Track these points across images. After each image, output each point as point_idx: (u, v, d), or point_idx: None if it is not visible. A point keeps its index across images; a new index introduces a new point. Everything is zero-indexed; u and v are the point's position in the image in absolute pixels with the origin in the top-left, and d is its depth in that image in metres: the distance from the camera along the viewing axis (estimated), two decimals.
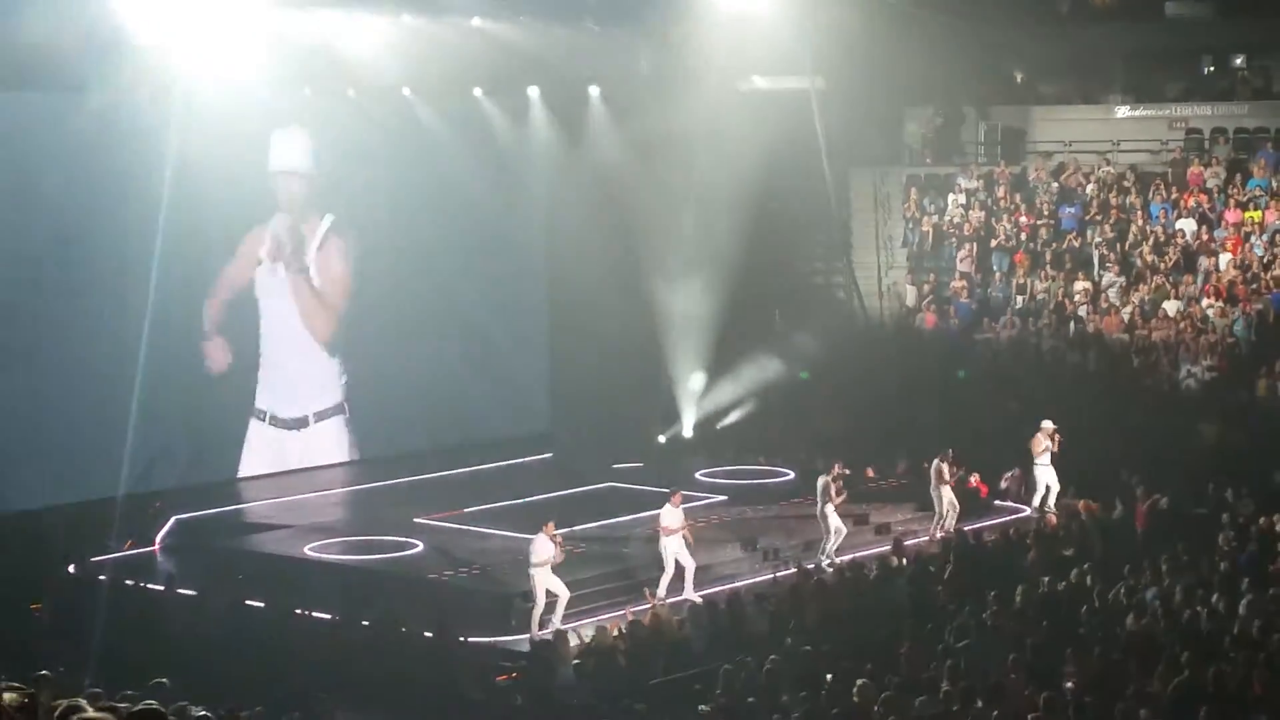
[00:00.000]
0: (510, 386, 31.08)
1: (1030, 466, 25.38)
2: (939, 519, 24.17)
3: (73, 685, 13.92)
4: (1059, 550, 21.75)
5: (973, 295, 31.90)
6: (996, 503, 25.85)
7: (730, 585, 21.07)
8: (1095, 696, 14.25)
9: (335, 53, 26.40)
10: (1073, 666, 15.44)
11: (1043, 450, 25.05)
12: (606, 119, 30.96)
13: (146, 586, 21.51)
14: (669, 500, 21.56)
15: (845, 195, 33.93)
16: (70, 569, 22.46)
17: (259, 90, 25.73)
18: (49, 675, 13.88)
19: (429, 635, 19.08)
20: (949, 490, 24.25)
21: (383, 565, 22.52)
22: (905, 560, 21.40)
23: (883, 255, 33.57)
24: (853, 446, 26.51)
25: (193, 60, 24.20)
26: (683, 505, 21.77)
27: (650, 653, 18.28)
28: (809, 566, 21.40)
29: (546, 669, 18.15)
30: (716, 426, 30.46)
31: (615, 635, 18.64)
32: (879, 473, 27.10)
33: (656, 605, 19.99)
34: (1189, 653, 15.08)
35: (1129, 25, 34.64)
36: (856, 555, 22.34)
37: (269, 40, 24.84)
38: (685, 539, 21.27)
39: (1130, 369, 28.77)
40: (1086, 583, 18.99)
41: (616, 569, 22.09)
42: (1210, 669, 14.47)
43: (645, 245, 30.24)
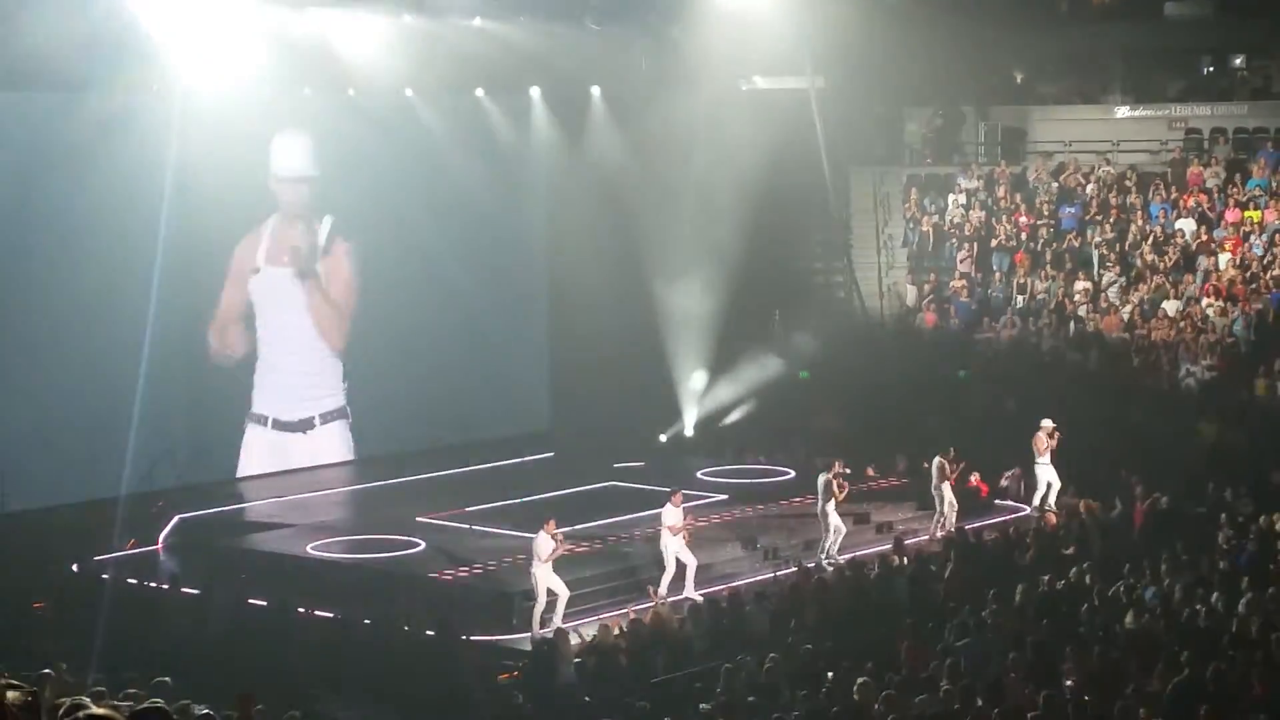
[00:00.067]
0: (511, 386, 31.14)
1: (1031, 465, 25.43)
2: (939, 517, 24.21)
3: (76, 684, 14.00)
4: (1059, 549, 21.81)
5: (973, 295, 31.94)
6: (996, 502, 25.91)
7: (731, 584, 21.10)
8: (1095, 695, 14.29)
9: (336, 53, 26.45)
10: (1072, 665, 15.48)
11: (1044, 449, 25.11)
12: (607, 119, 31.01)
13: (149, 585, 21.56)
14: (670, 499, 21.62)
15: (845, 195, 33.98)
16: (73, 568, 22.50)
17: (260, 91, 25.78)
18: (52, 673, 13.96)
19: (430, 634, 19.11)
20: (949, 489, 24.31)
21: (384, 564, 22.55)
22: (905, 559, 21.43)
23: (883, 255, 33.60)
24: (853, 446, 26.54)
25: (194, 61, 24.25)
26: (683, 504, 21.83)
27: (651, 651, 18.31)
28: (809, 565, 21.45)
29: (548, 668, 18.18)
30: (717, 426, 30.49)
31: (616, 634, 18.67)
32: (879, 472, 27.14)
33: (658, 604, 20.04)
34: (1188, 651, 15.11)
35: (1128, 25, 34.66)
36: (857, 554, 22.37)
37: (269, 41, 24.89)
38: (685, 538, 21.34)
39: (1130, 368, 28.80)
40: (1086, 581, 19.05)
41: (617, 568, 22.12)
42: (1209, 668, 14.50)
43: (646, 245, 30.25)
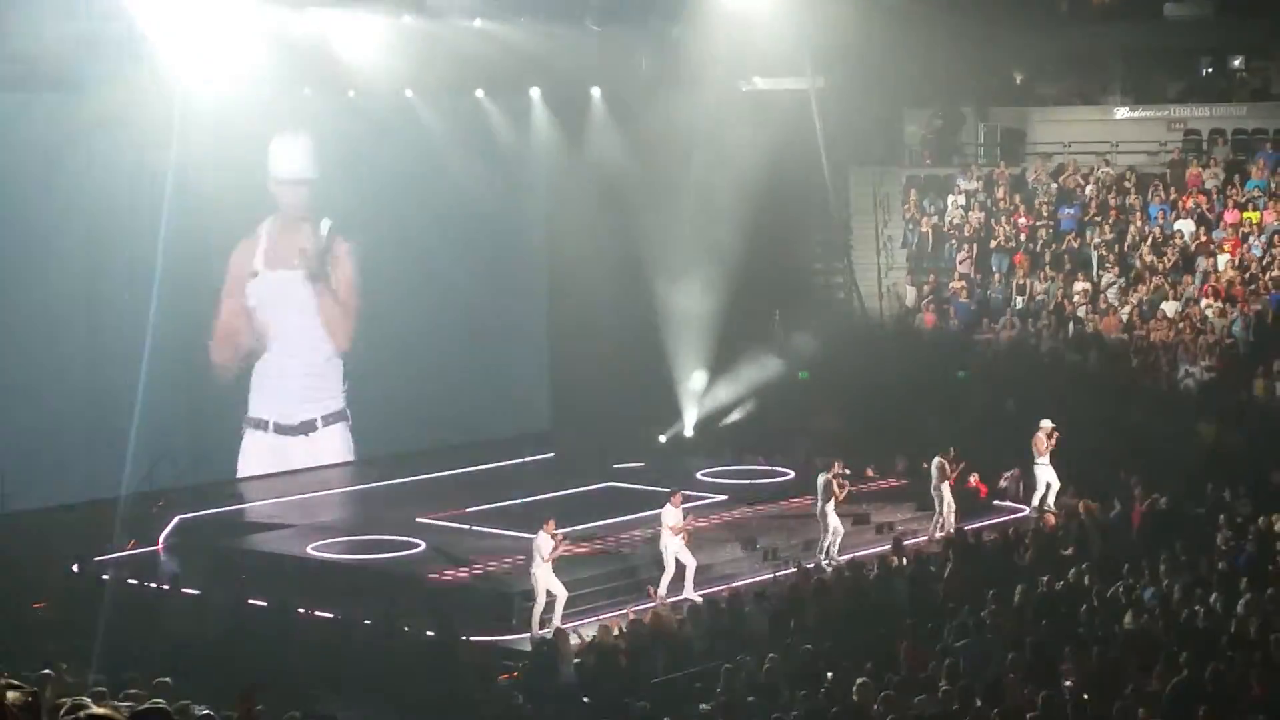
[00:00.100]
0: (511, 386, 31.16)
1: (1030, 466, 25.45)
2: (939, 518, 24.23)
3: (76, 684, 14.01)
4: (1058, 550, 21.84)
5: (972, 296, 31.96)
6: (995, 502, 25.93)
7: (730, 585, 21.13)
8: (1094, 695, 14.31)
9: (336, 54, 26.47)
10: (1071, 665, 15.50)
11: (1043, 450, 25.13)
12: (607, 120, 31.03)
13: (149, 586, 21.57)
14: (669, 500, 21.65)
15: (845, 196, 33.98)
16: (74, 568, 22.51)
17: (260, 91, 25.78)
18: (52, 674, 13.97)
19: (430, 634, 19.14)
20: (949, 489, 24.33)
21: (384, 565, 22.57)
22: (905, 559, 21.45)
23: (882, 256, 33.61)
24: (852, 446, 26.55)
25: (193, 62, 24.25)
26: (683, 505, 21.85)
27: (651, 652, 18.33)
28: (809, 566, 21.47)
29: (548, 668, 18.20)
30: (717, 426, 30.50)
31: (616, 634, 18.69)
32: (879, 472, 27.16)
33: (658, 604, 20.05)
34: (1187, 652, 15.13)
35: (1128, 26, 34.66)
36: (856, 555, 22.40)
37: (269, 42, 24.89)
38: (685, 539, 21.37)
39: (1129, 369, 28.82)
40: (1085, 582, 19.07)
41: (617, 568, 22.15)
42: (1208, 668, 14.53)
43: (646, 245, 30.27)
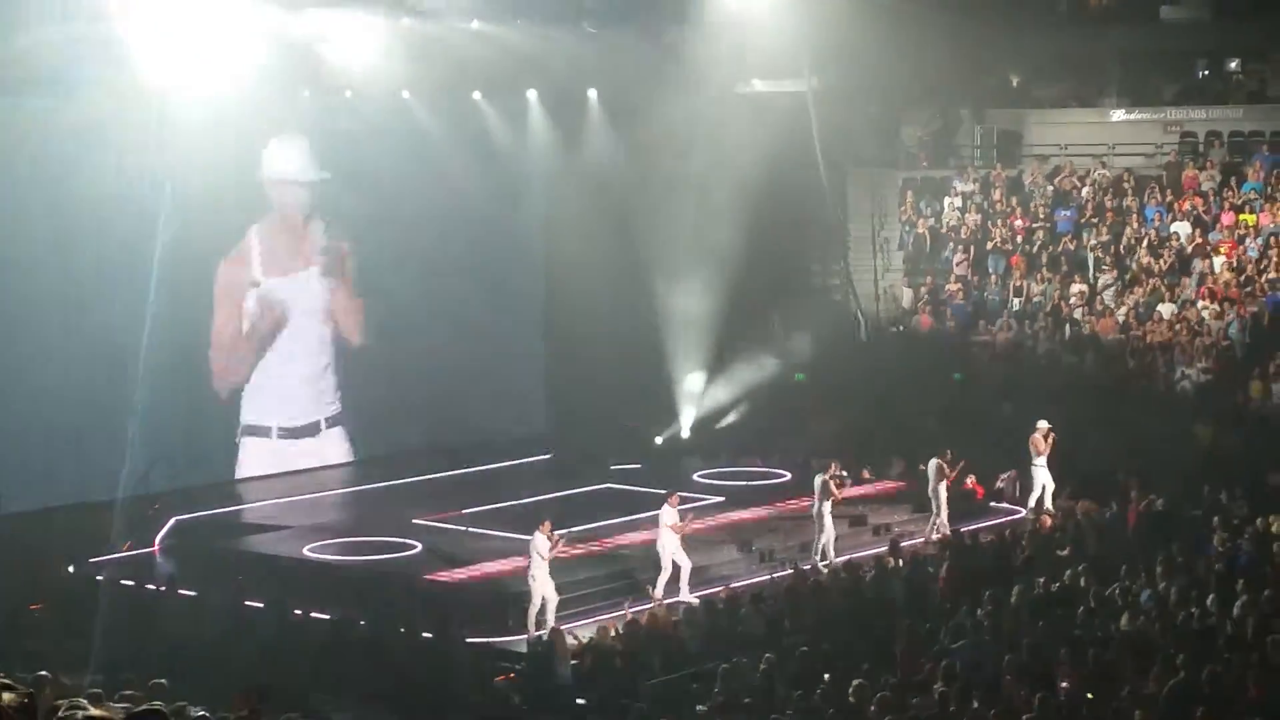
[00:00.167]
0: (509, 388, 31.16)
1: (1027, 467, 25.47)
2: (935, 519, 24.25)
3: (73, 685, 13.99)
4: (1054, 551, 21.85)
5: (969, 298, 31.98)
6: (992, 504, 25.95)
7: (727, 586, 21.13)
8: (1090, 697, 14.31)
9: (333, 56, 26.46)
10: (1068, 667, 15.50)
11: (1040, 451, 25.14)
12: (604, 122, 31.03)
13: (146, 587, 21.58)
14: (666, 501, 21.67)
15: (842, 198, 33.96)
16: (70, 570, 22.51)
17: (257, 93, 25.77)
18: (49, 675, 13.94)
19: (427, 635, 19.14)
20: (945, 490, 24.35)
21: (381, 566, 22.57)
22: (901, 561, 21.47)
23: (879, 258, 33.62)
24: (849, 448, 26.57)
25: (191, 63, 24.22)
26: (680, 506, 21.87)
27: (647, 653, 18.34)
28: (805, 567, 21.48)
29: (544, 669, 18.21)
30: (714, 427, 30.52)
31: (613, 635, 18.70)
32: (875, 473, 27.18)
33: (655, 605, 20.06)
34: (1184, 654, 15.14)
35: (1124, 29, 34.64)
36: (853, 556, 22.41)
37: (267, 43, 24.88)
38: (681, 540, 21.38)
39: (1126, 371, 28.84)
40: (1081, 583, 19.08)
41: (614, 569, 22.16)
42: (1205, 670, 14.53)
43: (643, 247, 30.27)
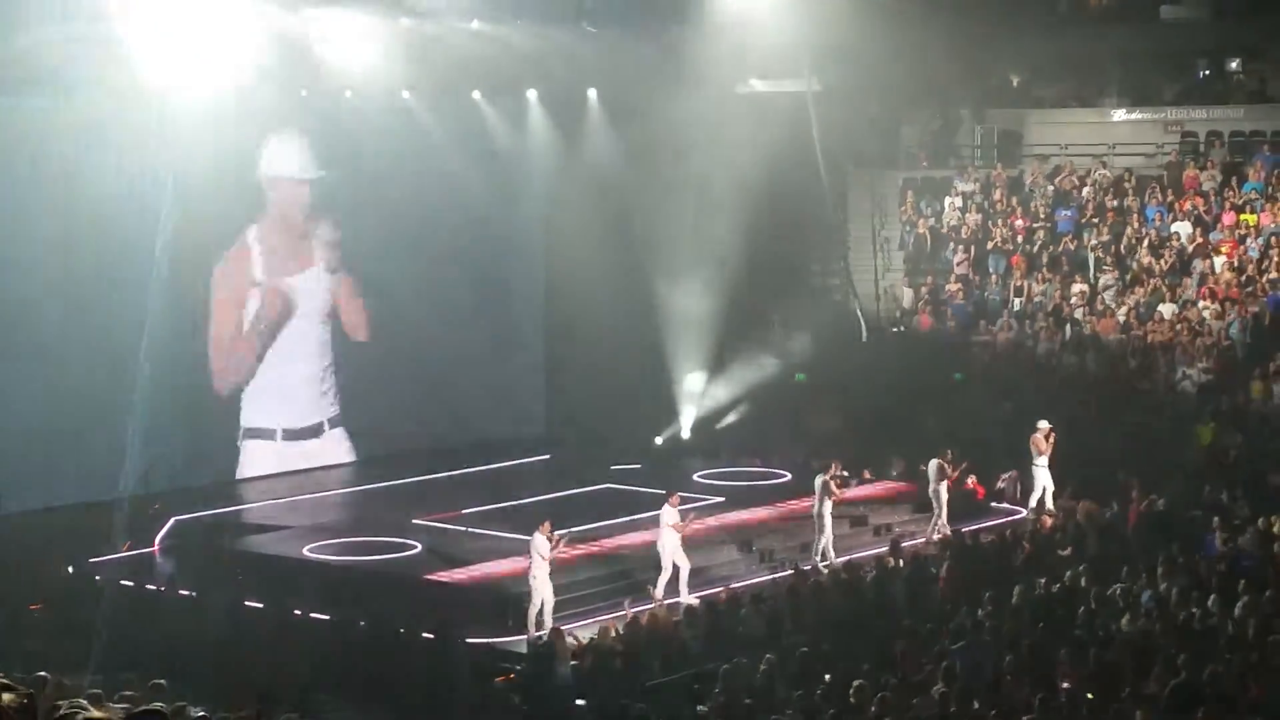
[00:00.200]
0: (509, 388, 31.16)
1: (1028, 468, 25.46)
2: (936, 519, 24.24)
3: (73, 686, 13.98)
4: (1055, 551, 21.84)
5: (969, 298, 31.97)
6: (993, 504, 25.93)
7: (727, 586, 21.11)
8: (1091, 697, 14.30)
9: (333, 55, 26.43)
10: (1068, 667, 15.49)
11: (1041, 451, 25.13)
12: (604, 122, 31.01)
13: (146, 587, 21.57)
14: (667, 501, 21.66)
15: (842, 198, 33.98)
16: (69, 570, 22.49)
17: (257, 92, 25.77)
18: (49, 676, 13.93)
19: (427, 636, 19.12)
20: (946, 490, 24.34)
21: (381, 566, 22.56)
22: (902, 561, 21.46)
23: (879, 258, 33.62)
24: (849, 448, 26.55)
25: (190, 62, 24.20)
26: (680, 506, 21.85)
27: (648, 653, 18.32)
28: (805, 568, 21.47)
29: (545, 669, 18.19)
30: (714, 428, 30.50)
31: (613, 636, 18.68)
32: (875, 474, 27.16)
33: (655, 605, 20.05)
34: (1185, 654, 15.13)
35: (1125, 29, 34.66)
36: (854, 556, 22.40)
37: (266, 43, 24.86)
38: (680, 540, 21.37)
39: (1126, 371, 28.83)
40: (1082, 584, 19.06)
41: (614, 570, 22.14)
42: (1206, 670, 14.52)
43: (643, 247, 30.27)
